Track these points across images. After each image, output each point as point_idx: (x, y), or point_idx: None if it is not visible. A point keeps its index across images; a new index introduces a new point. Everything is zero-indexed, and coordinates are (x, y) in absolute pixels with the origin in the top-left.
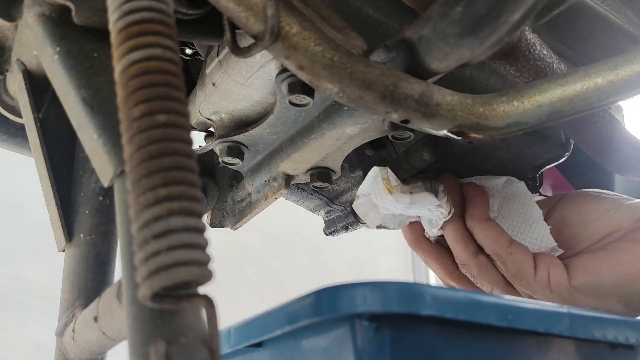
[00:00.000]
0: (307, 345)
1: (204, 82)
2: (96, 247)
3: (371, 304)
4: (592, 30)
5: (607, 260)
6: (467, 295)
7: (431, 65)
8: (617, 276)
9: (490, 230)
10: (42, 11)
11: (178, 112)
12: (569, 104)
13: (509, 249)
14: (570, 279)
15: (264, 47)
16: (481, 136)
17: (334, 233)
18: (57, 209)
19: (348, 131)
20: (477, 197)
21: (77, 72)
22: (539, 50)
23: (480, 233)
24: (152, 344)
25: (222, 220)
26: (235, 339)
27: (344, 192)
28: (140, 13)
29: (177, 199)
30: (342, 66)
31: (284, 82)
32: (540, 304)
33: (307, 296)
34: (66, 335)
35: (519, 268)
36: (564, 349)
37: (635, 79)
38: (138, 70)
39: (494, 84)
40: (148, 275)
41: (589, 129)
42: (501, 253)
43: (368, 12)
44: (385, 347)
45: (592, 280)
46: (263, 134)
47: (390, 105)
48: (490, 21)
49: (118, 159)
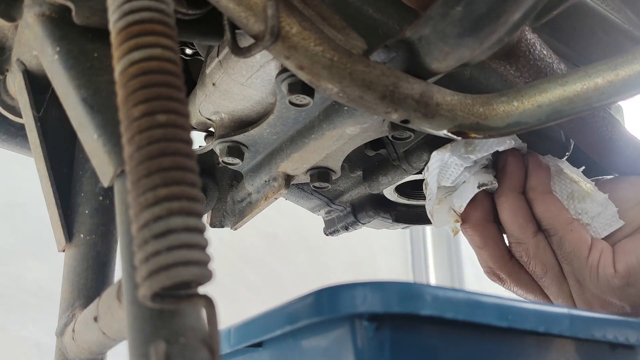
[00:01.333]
0: (307, 345)
1: (204, 82)
2: (96, 247)
3: (371, 304)
4: (592, 30)
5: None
6: (467, 295)
7: (431, 65)
8: None
9: (551, 205)
10: (42, 11)
11: (178, 112)
12: (569, 104)
13: (569, 226)
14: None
15: (264, 47)
16: (481, 136)
17: (334, 233)
18: (57, 209)
19: (348, 131)
20: (539, 169)
21: (77, 72)
22: (539, 50)
23: (541, 206)
24: (152, 344)
25: (222, 220)
26: (235, 339)
27: (344, 192)
28: (140, 13)
29: (177, 199)
30: (342, 66)
31: (284, 82)
32: (540, 304)
33: (307, 296)
34: (66, 335)
35: (574, 247)
36: (564, 349)
37: (635, 79)
38: (138, 70)
39: (494, 84)
40: (148, 275)
41: (589, 129)
42: (560, 229)
43: (368, 12)
44: (385, 347)
45: (632, 261)
46: (263, 134)
47: (390, 105)
48: (490, 21)
49: (118, 159)
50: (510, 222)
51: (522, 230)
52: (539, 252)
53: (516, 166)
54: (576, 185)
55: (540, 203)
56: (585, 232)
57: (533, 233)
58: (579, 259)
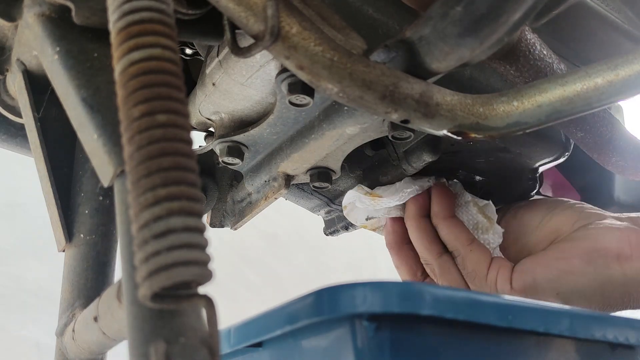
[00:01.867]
0: (307, 345)
1: (204, 82)
2: (96, 247)
3: (371, 304)
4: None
5: (542, 259)
6: (467, 295)
7: (431, 65)
8: (552, 273)
9: (454, 227)
10: (42, 11)
11: (178, 112)
12: (569, 104)
13: (470, 247)
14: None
15: (264, 47)
16: (481, 136)
17: (334, 233)
18: (57, 209)
19: (348, 131)
20: (442, 195)
21: (77, 72)
22: (539, 50)
23: (444, 229)
24: (152, 344)
25: (222, 220)
26: (235, 339)
27: (344, 192)
28: (140, 13)
29: (177, 199)
30: (342, 66)
31: (284, 82)
32: (540, 304)
33: (307, 296)
34: (66, 335)
35: (475, 266)
36: (564, 349)
37: (635, 79)
38: (138, 70)
39: (494, 84)
40: (148, 275)
41: (589, 129)
42: (462, 250)
43: (368, 12)
44: (385, 347)
45: (528, 279)
46: (263, 134)
47: (390, 105)
48: (490, 21)
49: (118, 159)
50: (417, 244)
51: (428, 251)
52: (444, 272)
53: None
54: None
55: (444, 227)
56: (484, 252)
57: (438, 254)
58: (479, 277)
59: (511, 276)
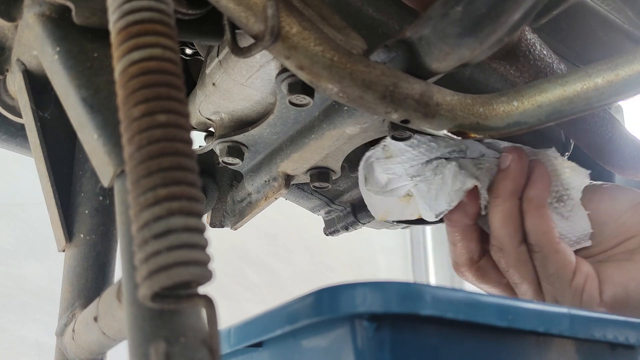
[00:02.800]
0: (307, 345)
1: (204, 82)
2: (96, 247)
3: (371, 304)
4: (592, 30)
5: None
6: (467, 295)
7: (431, 65)
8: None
9: (543, 221)
10: (42, 11)
11: (178, 112)
12: (569, 104)
13: (556, 247)
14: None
15: (264, 47)
16: (481, 136)
17: (334, 233)
18: (57, 209)
19: (348, 131)
20: (541, 179)
21: (77, 72)
22: (539, 50)
23: (534, 219)
24: (152, 344)
25: (222, 220)
26: (235, 339)
27: (344, 192)
28: (140, 13)
29: (177, 199)
30: (342, 66)
31: (284, 82)
32: (540, 304)
33: (307, 296)
34: (66, 335)
35: (558, 269)
36: (564, 349)
37: (635, 79)
38: (138, 70)
39: (494, 84)
40: (148, 275)
41: (589, 129)
42: (546, 247)
43: (368, 12)
44: (385, 347)
45: (620, 293)
46: (263, 134)
47: (390, 105)
48: (490, 21)
49: (118, 159)
50: (499, 228)
51: (509, 239)
52: (519, 264)
53: (520, 172)
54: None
55: (534, 216)
56: (570, 254)
57: (519, 243)
58: (561, 281)
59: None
